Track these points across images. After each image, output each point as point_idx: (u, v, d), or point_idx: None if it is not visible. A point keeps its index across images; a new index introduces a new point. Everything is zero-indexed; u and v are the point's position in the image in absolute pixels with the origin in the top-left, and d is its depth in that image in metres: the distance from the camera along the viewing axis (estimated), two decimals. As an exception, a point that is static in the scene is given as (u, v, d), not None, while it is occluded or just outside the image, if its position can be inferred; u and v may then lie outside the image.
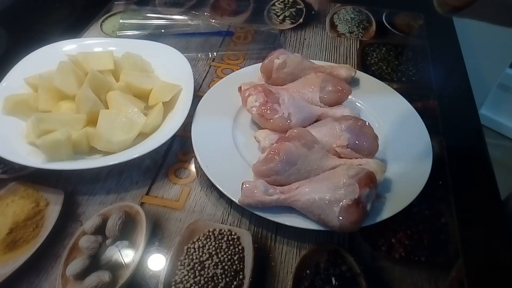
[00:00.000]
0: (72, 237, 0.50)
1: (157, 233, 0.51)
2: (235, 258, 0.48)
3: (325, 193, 0.47)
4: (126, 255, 0.48)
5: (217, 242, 0.49)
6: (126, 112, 0.58)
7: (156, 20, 0.86)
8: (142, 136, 0.58)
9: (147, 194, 0.55)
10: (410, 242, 0.50)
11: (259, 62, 0.69)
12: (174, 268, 0.47)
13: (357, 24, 0.88)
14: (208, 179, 0.54)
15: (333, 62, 0.77)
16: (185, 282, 0.46)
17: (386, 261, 0.49)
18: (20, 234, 0.50)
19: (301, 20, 0.89)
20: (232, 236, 0.50)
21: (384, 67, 0.77)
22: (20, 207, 0.53)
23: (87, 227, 0.51)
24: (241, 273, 0.47)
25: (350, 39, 0.84)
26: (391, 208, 0.50)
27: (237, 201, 0.50)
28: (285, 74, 0.66)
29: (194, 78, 0.65)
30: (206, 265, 0.47)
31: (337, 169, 0.51)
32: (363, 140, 0.54)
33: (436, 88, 0.73)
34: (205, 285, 0.46)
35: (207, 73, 0.75)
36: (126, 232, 0.50)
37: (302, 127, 0.56)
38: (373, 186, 0.48)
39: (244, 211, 0.52)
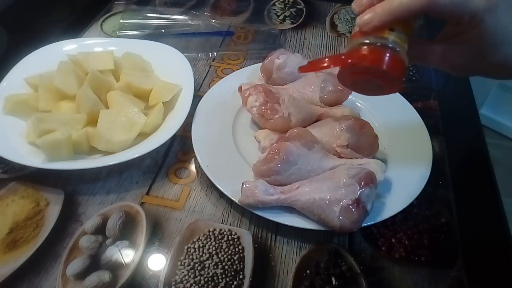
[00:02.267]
0: (72, 237, 0.50)
1: (157, 233, 0.51)
2: (235, 258, 0.48)
3: (325, 193, 0.47)
4: (126, 255, 0.48)
5: (217, 242, 0.49)
6: (126, 112, 0.58)
7: (156, 20, 0.86)
8: (142, 136, 0.58)
9: (147, 194, 0.55)
10: (410, 242, 0.50)
11: (259, 62, 0.69)
12: (174, 268, 0.47)
13: (357, 24, 0.88)
14: (208, 179, 0.54)
15: (333, 62, 0.77)
16: (185, 282, 0.46)
17: (386, 261, 0.49)
18: (20, 234, 0.50)
19: (301, 20, 0.89)
20: (232, 236, 0.50)
21: (384, 67, 0.77)
22: (20, 207, 0.53)
23: (87, 227, 0.51)
24: (241, 273, 0.47)
25: (350, 39, 0.84)
26: (391, 208, 0.50)
27: (237, 201, 0.50)
28: (285, 74, 0.66)
29: (194, 78, 0.65)
30: (206, 265, 0.47)
31: (337, 169, 0.51)
32: (363, 140, 0.54)
33: (436, 88, 0.73)
34: (205, 285, 0.46)
35: (207, 73, 0.75)
36: (126, 232, 0.51)
37: (302, 127, 0.56)
38: (373, 186, 0.48)
39: (244, 211, 0.52)
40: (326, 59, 0.40)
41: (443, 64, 0.42)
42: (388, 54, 0.37)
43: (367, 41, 0.38)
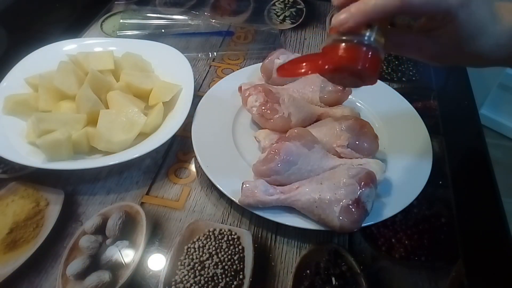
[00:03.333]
0: (72, 237, 0.50)
1: (157, 233, 0.51)
2: (235, 258, 0.48)
3: (325, 193, 0.47)
4: (126, 255, 0.48)
5: (217, 242, 0.49)
6: (126, 112, 0.58)
7: (156, 20, 0.86)
8: (142, 136, 0.58)
9: (147, 194, 0.55)
10: (410, 242, 0.50)
11: (259, 62, 0.69)
12: (174, 268, 0.47)
13: (357, 24, 0.88)
14: (208, 179, 0.54)
15: (333, 62, 0.77)
16: (185, 282, 0.46)
17: (386, 261, 0.49)
18: (20, 234, 0.50)
19: (301, 20, 0.89)
20: (232, 236, 0.50)
21: (384, 67, 0.77)
22: (20, 207, 0.53)
23: (87, 227, 0.51)
24: (241, 273, 0.47)
25: (350, 39, 0.84)
26: (391, 208, 0.50)
27: (237, 201, 0.50)
28: (285, 74, 0.66)
29: (194, 78, 0.65)
30: (206, 265, 0.47)
31: (337, 169, 0.51)
32: (363, 140, 0.54)
33: (436, 88, 0.73)
34: (205, 285, 0.46)
35: (207, 73, 0.75)
36: (126, 232, 0.51)
37: (302, 127, 0.56)
38: (373, 186, 0.48)
39: (244, 211, 0.52)
40: (304, 66, 0.41)
41: (420, 54, 0.42)
42: (364, 52, 0.38)
43: (344, 38, 0.39)
